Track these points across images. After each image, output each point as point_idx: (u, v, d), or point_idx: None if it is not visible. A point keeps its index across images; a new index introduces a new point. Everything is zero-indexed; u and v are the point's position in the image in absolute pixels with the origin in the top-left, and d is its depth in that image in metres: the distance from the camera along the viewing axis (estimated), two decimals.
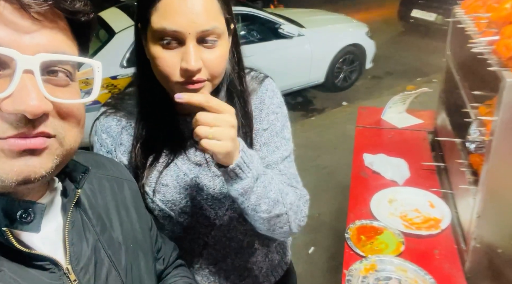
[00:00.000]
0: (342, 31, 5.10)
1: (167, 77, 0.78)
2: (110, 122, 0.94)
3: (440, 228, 1.28)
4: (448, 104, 1.63)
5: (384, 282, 1.13)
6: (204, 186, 0.93)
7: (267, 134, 0.97)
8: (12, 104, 0.45)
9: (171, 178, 0.92)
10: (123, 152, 0.93)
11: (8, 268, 0.49)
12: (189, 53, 0.75)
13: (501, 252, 1.08)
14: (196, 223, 0.96)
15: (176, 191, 0.92)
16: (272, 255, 1.11)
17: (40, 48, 0.47)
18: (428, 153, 1.72)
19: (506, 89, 0.90)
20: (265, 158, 0.96)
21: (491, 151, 0.98)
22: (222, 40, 0.80)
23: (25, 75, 0.45)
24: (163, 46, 0.77)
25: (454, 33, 1.56)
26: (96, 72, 0.53)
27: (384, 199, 1.46)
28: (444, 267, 1.16)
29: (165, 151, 0.93)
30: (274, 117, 0.97)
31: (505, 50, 0.92)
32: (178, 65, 0.77)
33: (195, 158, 0.93)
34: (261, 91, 0.98)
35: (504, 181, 1.00)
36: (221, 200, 0.95)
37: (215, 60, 0.79)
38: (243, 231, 1.00)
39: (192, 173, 0.93)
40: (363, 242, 1.29)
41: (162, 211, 0.94)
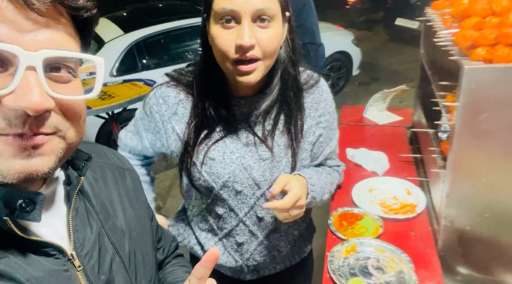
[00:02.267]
0: (328, 39, 5.19)
1: (224, 54, 0.87)
2: (170, 93, 1.04)
3: (416, 212, 1.36)
4: (422, 99, 1.73)
5: (363, 262, 1.20)
6: (248, 166, 1.02)
7: (325, 132, 1.11)
8: (15, 101, 0.44)
9: (218, 153, 1.02)
10: (176, 121, 1.04)
11: (13, 255, 0.50)
12: (244, 30, 0.84)
13: (469, 230, 1.15)
14: (234, 198, 1.06)
15: (221, 166, 1.02)
16: (296, 242, 1.22)
17: (43, 45, 0.47)
18: (406, 146, 1.81)
19: (465, 75, 0.99)
20: (324, 150, 1.13)
21: (455, 134, 1.06)
22: (275, 22, 0.88)
23: (28, 72, 0.45)
24: (222, 25, 0.86)
25: (425, 32, 1.66)
26: (99, 69, 0.53)
27: (364, 188, 1.53)
28: (419, 247, 1.24)
29: (217, 128, 1.03)
30: (329, 115, 1.11)
31: (463, 40, 1.01)
32: (234, 43, 0.85)
33: (244, 139, 1.02)
34: (318, 92, 1.08)
35: (468, 161, 1.08)
36: (261, 183, 1.04)
37: (268, 39, 0.87)
38: (274, 216, 1.08)
39: (238, 151, 1.02)
40: (344, 227, 1.36)
41: (206, 182, 1.04)
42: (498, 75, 0.98)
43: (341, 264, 1.20)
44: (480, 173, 1.09)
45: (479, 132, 1.04)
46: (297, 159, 1.06)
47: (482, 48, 0.98)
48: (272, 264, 1.21)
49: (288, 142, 1.04)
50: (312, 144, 1.09)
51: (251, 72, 0.88)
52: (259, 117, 1.02)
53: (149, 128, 1.09)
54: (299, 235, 1.24)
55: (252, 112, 1.01)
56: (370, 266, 1.18)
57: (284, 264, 1.24)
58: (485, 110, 1.01)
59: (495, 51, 0.97)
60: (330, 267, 1.18)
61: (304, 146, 1.07)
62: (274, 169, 1.04)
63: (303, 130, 1.05)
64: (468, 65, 0.99)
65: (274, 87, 0.99)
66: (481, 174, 1.09)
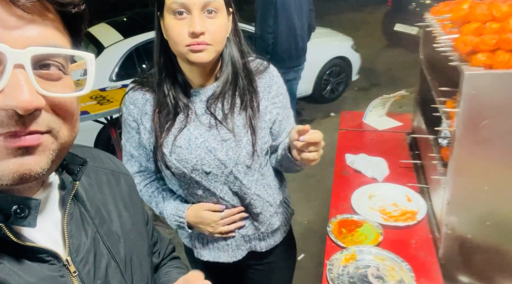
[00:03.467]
0: (328, 45, 5.23)
1: (179, 42, 1.00)
2: (137, 96, 1.16)
3: (416, 219, 1.34)
4: (422, 105, 1.72)
5: (363, 270, 1.19)
6: (212, 148, 1.12)
7: (282, 111, 1.22)
8: (3, 100, 0.44)
9: (184, 140, 1.12)
10: (147, 120, 1.15)
11: (8, 261, 0.49)
12: (195, 20, 0.98)
13: (470, 237, 1.14)
14: (205, 179, 1.16)
15: (188, 152, 1.12)
16: (269, 221, 1.29)
17: (30, 41, 0.46)
18: (406, 152, 1.79)
19: (465, 81, 0.98)
20: (286, 127, 1.24)
21: (456, 140, 1.05)
22: (220, 13, 1.02)
23: (16, 70, 0.44)
24: (175, 17, 0.99)
25: (425, 38, 1.65)
26: (89, 65, 0.52)
27: (364, 194, 1.52)
28: (420, 255, 1.22)
29: (180, 118, 1.13)
30: (282, 96, 1.23)
31: (463, 45, 1.00)
32: (186, 32, 0.99)
33: (207, 123, 1.12)
34: (269, 77, 1.20)
35: (469, 168, 1.07)
36: (226, 162, 1.13)
37: (216, 27, 1.01)
38: (248, 193, 1.21)
39: (202, 136, 1.12)
40: (344, 235, 1.34)
41: (178, 168, 1.14)
42: (499, 81, 0.97)
43: (341, 272, 1.18)
44: (481, 180, 1.07)
45: (480, 138, 1.03)
46: (257, 137, 1.15)
47: (483, 54, 0.97)
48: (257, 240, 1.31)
49: (246, 121, 1.14)
50: (271, 122, 1.21)
51: (203, 50, 1.00)
52: (217, 102, 1.12)
53: (133, 136, 1.20)
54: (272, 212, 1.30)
55: (210, 98, 1.12)
56: (370, 275, 1.16)
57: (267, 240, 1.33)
58: (486, 116, 1.00)
59: (496, 57, 0.96)
60: (329, 276, 1.16)
61: (262, 125, 1.17)
62: (236, 148, 1.13)
63: (260, 110, 1.16)
64: (469, 71, 0.97)
65: (225, 72, 1.12)
66: (482, 180, 1.07)
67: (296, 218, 3.27)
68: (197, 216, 1.22)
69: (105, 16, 4.73)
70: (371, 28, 7.80)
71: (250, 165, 1.17)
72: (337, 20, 8.37)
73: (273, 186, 1.29)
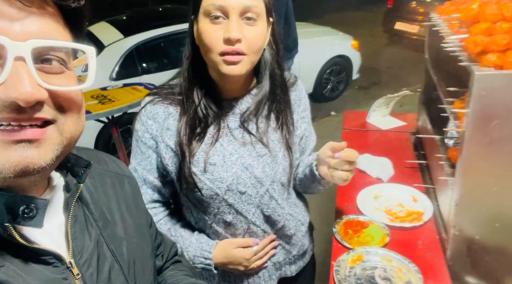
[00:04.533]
0: (328, 43, 5.23)
1: (212, 47, 0.91)
2: (157, 110, 1.03)
3: (423, 220, 1.34)
4: (428, 105, 1.71)
5: (370, 271, 1.18)
6: (249, 165, 1.03)
7: (308, 126, 1.19)
8: (5, 92, 0.44)
9: (218, 157, 1.01)
10: (169, 136, 1.02)
11: (12, 263, 0.49)
12: (232, 25, 0.89)
13: (478, 239, 1.13)
14: (239, 201, 1.05)
15: (223, 169, 1.01)
16: (301, 242, 1.24)
17: (31, 35, 0.46)
18: (411, 152, 1.78)
19: (476, 82, 0.97)
20: (309, 144, 1.21)
21: (465, 141, 1.04)
22: (260, 21, 0.94)
23: (17, 63, 0.44)
24: (211, 21, 0.91)
25: (431, 37, 1.64)
26: (90, 58, 0.52)
27: (369, 195, 1.51)
28: (427, 256, 1.21)
29: (211, 132, 1.03)
30: (308, 111, 1.19)
31: (473, 46, 0.99)
32: (221, 37, 0.90)
33: (240, 139, 1.04)
34: (299, 89, 1.16)
35: (478, 169, 1.06)
36: (263, 179, 1.05)
37: (254, 36, 0.92)
38: (281, 214, 1.13)
39: (237, 152, 1.03)
40: (350, 236, 1.33)
41: (210, 189, 1.02)
42: (510, 82, 0.96)
43: (348, 274, 1.18)
44: (490, 181, 1.06)
45: (489, 139, 1.02)
46: (292, 152, 1.10)
47: (493, 54, 0.96)
48: (288, 265, 1.23)
49: (280, 137, 1.08)
50: (299, 138, 1.16)
51: (237, 63, 0.92)
52: (251, 116, 1.04)
53: (148, 156, 1.06)
54: (303, 238, 1.25)
55: (244, 112, 1.04)
56: (377, 276, 1.15)
57: (298, 262, 1.26)
58: (496, 117, 0.99)
59: (506, 57, 0.95)
60: (336, 277, 1.15)
61: (294, 140, 1.12)
62: (273, 164, 1.06)
63: (293, 122, 1.12)
64: (479, 72, 0.96)
65: (263, 86, 1.05)
66: (491, 182, 1.06)
67: None
68: (226, 256, 1.08)
69: (105, 15, 4.71)
70: (372, 27, 7.79)
71: (285, 183, 1.11)
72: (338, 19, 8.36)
73: (299, 205, 1.23)
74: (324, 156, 1.06)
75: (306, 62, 4.92)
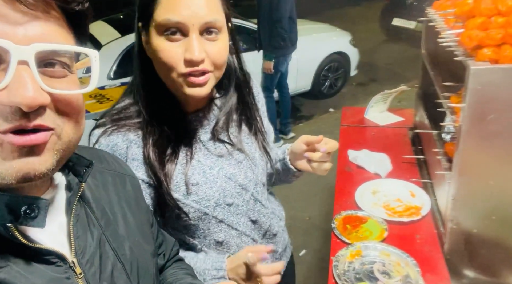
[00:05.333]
0: (326, 40, 5.22)
1: (172, 68, 0.81)
2: (114, 141, 0.89)
3: (421, 214, 1.34)
4: (425, 100, 1.72)
5: (369, 266, 1.19)
6: (231, 174, 0.98)
7: (266, 120, 1.14)
8: (7, 96, 0.43)
9: (199, 175, 0.93)
10: (137, 167, 0.89)
11: (14, 263, 0.49)
12: (193, 44, 0.79)
13: (476, 232, 1.14)
14: (228, 214, 0.99)
15: (207, 186, 0.93)
16: (283, 237, 1.21)
17: (35, 39, 0.46)
18: (408, 147, 1.79)
19: (471, 76, 0.98)
20: (271, 137, 1.16)
21: (461, 135, 1.05)
22: (222, 33, 0.85)
23: (21, 67, 0.44)
24: (167, 38, 0.80)
25: (427, 32, 1.65)
26: (94, 62, 0.52)
27: (367, 190, 1.52)
28: (425, 250, 1.22)
29: (183, 149, 0.93)
30: (264, 106, 1.13)
31: (468, 40, 1.00)
32: (182, 56, 0.80)
33: (216, 150, 0.97)
34: (254, 85, 1.10)
35: (474, 163, 1.07)
36: (247, 185, 1.01)
37: (217, 51, 0.83)
38: (266, 214, 1.09)
39: (216, 165, 0.96)
40: (348, 231, 1.34)
41: (198, 211, 0.94)
42: (505, 76, 0.96)
43: (346, 268, 1.18)
44: (487, 175, 1.07)
45: (485, 133, 1.03)
46: (268, 151, 1.08)
47: (488, 49, 0.97)
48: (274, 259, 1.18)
49: (255, 140, 1.05)
50: (266, 133, 1.13)
51: (204, 84, 0.84)
52: (221, 124, 0.97)
53: None
54: (284, 233, 1.23)
55: (214, 125, 0.97)
56: (376, 270, 1.16)
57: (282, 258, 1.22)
58: (492, 111, 1.00)
59: (502, 51, 0.96)
60: (335, 272, 1.16)
61: (267, 140, 1.11)
62: (253, 167, 1.03)
63: (261, 119, 1.09)
64: (474, 66, 0.97)
65: (230, 97, 0.99)
66: (488, 175, 1.07)
67: (297, 214, 3.30)
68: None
69: (102, 14, 4.70)
70: (369, 23, 7.79)
71: (265, 182, 1.08)
72: (335, 15, 8.35)
73: (272, 199, 1.20)
74: (300, 150, 1.04)
75: (304, 59, 4.92)
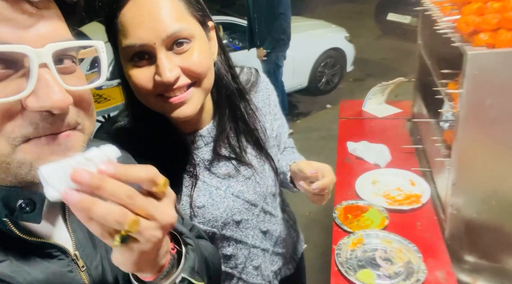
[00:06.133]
0: (322, 36, 5.23)
1: (145, 94, 0.75)
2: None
3: (421, 202, 1.35)
4: (422, 91, 1.73)
5: (371, 253, 1.20)
6: (239, 192, 0.94)
7: (280, 120, 1.08)
8: (37, 102, 0.43)
9: (204, 197, 0.90)
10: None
11: (15, 258, 0.48)
12: (162, 65, 0.71)
13: (476, 217, 1.15)
14: (237, 230, 0.96)
15: (214, 208, 0.90)
16: (292, 238, 1.20)
17: (47, 39, 0.45)
18: (407, 138, 1.80)
19: (469, 61, 0.99)
20: (283, 136, 1.12)
21: (459, 121, 1.06)
22: (196, 39, 0.75)
23: (42, 70, 0.43)
24: (134, 64, 0.74)
25: (423, 22, 1.66)
26: (101, 53, 0.52)
27: (367, 180, 1.53)
28: (426, 237, 1.23)
29: (186, 172, 0.89)
30: (278, 106, 1.08)
31: (465, 26, 1.01)
32: (152, 79, 0.73)
33: (220, 171, 0.92)
34: (264, 87, 1.02)
35: (473, 148, 1.08)
36: (256, 200, 0.97)
37: (194, 62, 0.74)
38: (275, 222, 1.06)
39: (223, 184, 0.92)
40: (350, 220, 1.35)
41: (205, 231, 0.90)
42: (502, 60, 0.97)
43: (349, 256, 1.19)
44: (486, 160, 1.08)
45: (484, 118, 1.04)
46: (273, 158, 1.02)
47: (485, 34, 0.98)
48: (285, 266, 1.17)
49: (258, 149, 0.98)
50: (275, 138, 1.06)
51: (185, 102, 0.76)
52: (222, 141, 0.92)
53: None
54: (294, 234, 1.23)
55: (215, 141, 0.91)
56: (378, 257, 1.17)
57: (294, 257, 1.22)
58: (490, 96, 1.01)
59: (498, 36, 0.97)
60: (338, 260, 1.17)
61: (271, 143, 1.03)
62: (261, 181, 0.98)
63: (266, 130, 1.01)
64: (472, 51, 0.98)
65: (224, 113, 0.91)
66: (487, 160, 1.08)
67: (297, 210, 3.28)
68: None
69: (96, 15, 4.68)
70: (364, 19, 7.80)
71: (275, 192, 1.04)
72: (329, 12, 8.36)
73: (281, 203, 1.15)
74: (302, 177, 1.00)
75: (300, 56, 4.93)
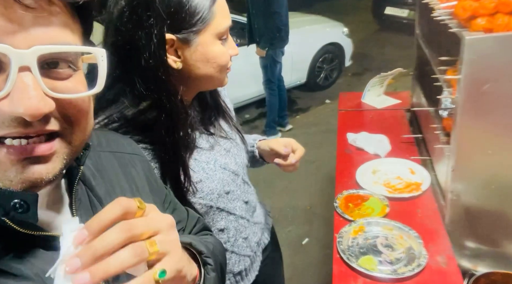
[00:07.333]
0: (319, 31, 5.23)
1: (224, 64, 0.92)
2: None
3: (421, 190, 1.36)
4: (421, 80, 1.73)
5: (372, 240, 1.20)
6: (225, 164, 1.01)
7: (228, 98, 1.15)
8: (10, 106, 0.41)
9: (199, 173, 0.97)
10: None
11: (20, 251, 0.48)
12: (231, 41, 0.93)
13: (475, 202, 1.16)
14: (227, 201, 1.03)
15: (210, 181, 0.98)
16: (263, 208, 1.26)
17: (37, 40, 0.42)
18: (406, 128, 1.81)
19: (466, 46, 0.99)
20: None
21: (459, 107, 1.06)
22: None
23: (22, 73, 0.41)
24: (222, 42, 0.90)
25: (420, 11, 1.66)
26: (100, 61, 0.49)
27: (368, 170, 1.53)
28: (427, 223, 1.24)
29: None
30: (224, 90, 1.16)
31: (462, 11, 1.01)
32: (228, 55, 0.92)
33: (206, 144, 1.00)
34: None
35: (472, 133, 1.09)
36: (237, 171, 1.04)
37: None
38: (251, 192, 1.13)
39: (211, 159, 1.00)
40: (351, 209, 1.36)
41: (205, 205, 0.98)
42: (499, 44, 0.98)
43: (350, 244, 1.20)
44: (484, 144, 1.09)
45: (482, 103, 1.04)
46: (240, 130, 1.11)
47: (482, 18, 0.98)
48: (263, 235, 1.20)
49: (229, 124, 1.08)
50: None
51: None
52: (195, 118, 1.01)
53: None
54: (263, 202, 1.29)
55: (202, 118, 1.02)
56: (380, 244, 1.18)
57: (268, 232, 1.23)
58: (488, 80, 1.01)
59: (495, 20, 0.97)
60: (340, 248, 1.18)
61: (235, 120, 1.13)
62: (238, 152, 1.07)
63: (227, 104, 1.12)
64: (469, 36, 0.99)
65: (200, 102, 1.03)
66: (486, 145, 1.09)
67: (298, 204, 3.31)
68: None
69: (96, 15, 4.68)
70: (362, 13, 7.79)
71: (247, 163, 1.13)
72: (326, 7, 8.35)
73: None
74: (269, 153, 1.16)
75: (298, 52, 4.92)
